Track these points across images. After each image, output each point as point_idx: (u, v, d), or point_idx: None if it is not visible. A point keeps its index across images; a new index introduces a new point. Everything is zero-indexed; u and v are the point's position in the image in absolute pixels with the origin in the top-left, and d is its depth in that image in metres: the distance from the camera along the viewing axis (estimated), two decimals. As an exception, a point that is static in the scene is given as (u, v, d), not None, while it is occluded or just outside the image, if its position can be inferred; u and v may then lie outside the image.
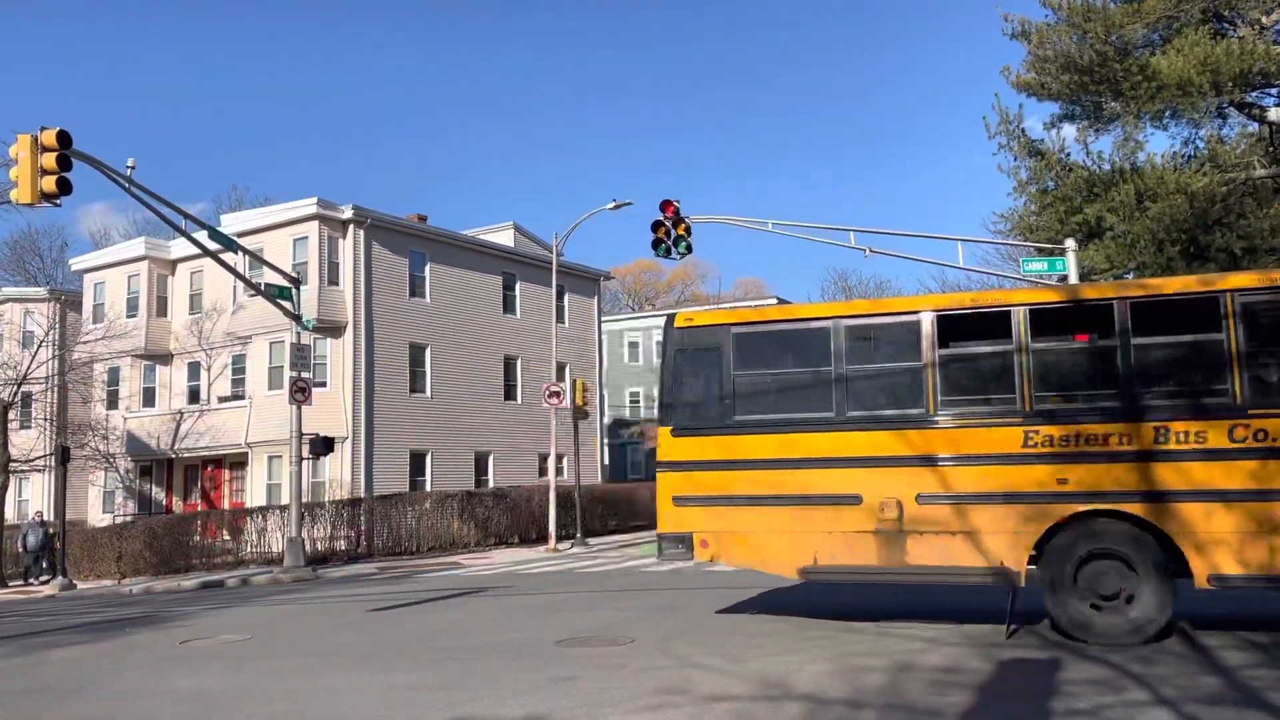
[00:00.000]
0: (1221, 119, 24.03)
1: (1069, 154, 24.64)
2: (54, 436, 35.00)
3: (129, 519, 33.42)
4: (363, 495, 29.75)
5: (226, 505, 33.37)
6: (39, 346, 33.55)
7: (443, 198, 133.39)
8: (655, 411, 50.44)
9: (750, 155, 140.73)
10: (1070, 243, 22.29)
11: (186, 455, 34.48)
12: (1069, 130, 25.05)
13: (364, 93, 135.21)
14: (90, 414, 36.80)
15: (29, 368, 31.83)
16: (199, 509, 33.81)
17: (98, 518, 36.13)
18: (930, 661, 8.54)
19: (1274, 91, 23.16)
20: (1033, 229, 24.70)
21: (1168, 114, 22.44)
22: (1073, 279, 21.74)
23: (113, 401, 36.78)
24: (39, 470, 36.32)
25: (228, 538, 28.38)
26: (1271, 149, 23.87)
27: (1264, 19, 22.46)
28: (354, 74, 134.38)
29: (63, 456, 27.63)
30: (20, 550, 29.05)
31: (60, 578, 26.45)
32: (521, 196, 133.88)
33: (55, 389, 36.04)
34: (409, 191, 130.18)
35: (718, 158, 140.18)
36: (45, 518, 30.91)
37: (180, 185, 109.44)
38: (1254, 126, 24.31)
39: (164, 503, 35.64)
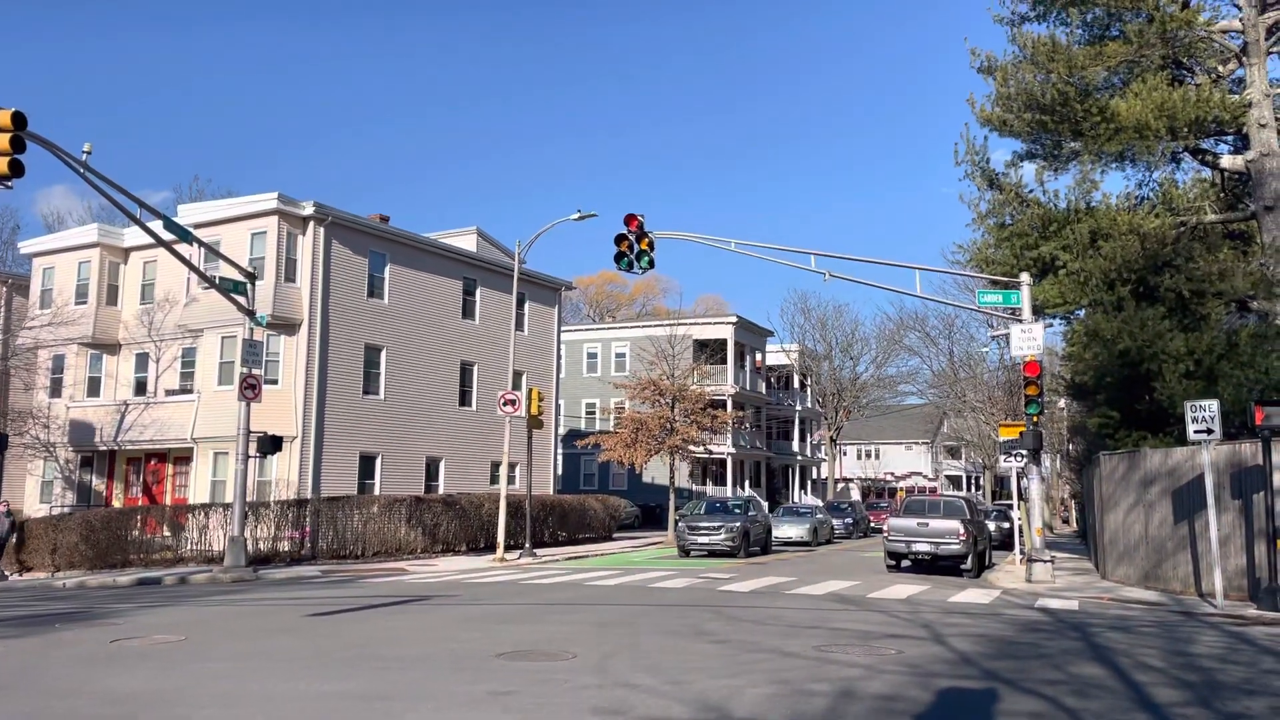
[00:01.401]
0: (1176, 163, 24.59)
1: (1029, 190, 25.07)
2: (-7, 423, 34.14)
3: (67, 510, 32.66)
4: (309, 496, 29.29)
5: (169, 500, 32.72)
6: (-18, 330, 32.74)
7: (407, 199, 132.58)
8: (611, 424, 49.74)
9: (717, 173, 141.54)
10: (1025, 277, 22.62)
11: (130, 448, 33.79)
12: (1029, 168, 25.48)
13: (335, 91, 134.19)
14: (32, 401, 35.94)
15: (-29, 351, 31.04)
16: (140, 503, 33.11)
17: (34, 508, 35.24)
18: (871, 689, 8.57)
19: (1228, 139, 23.75)
20: (989, 261, 25.05)
21: (1125, 156, 22.90)
22: (1026, 313, 22.08)
23: (56, 390, 35.96)
24: (-25, 457, 35.37)
25: (168, 534, 27.81)
26: (1223, 195, 24.46)
27: (1221, 68, 23.04)
28: (325, 72, 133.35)
29: (0, 443, 26.95)
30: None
31: (-9, 568, 25.78)
32: (486, 202, 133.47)
33: (-3, 374, 35.18)
34: (374, 191, 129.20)
35: (684, 175, 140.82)
36: (10, 506, 29.50)
37: (142, 173, 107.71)
38: (1207, 172, 24.90)
39: (104, 495, 34.86)
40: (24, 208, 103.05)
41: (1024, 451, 22.71)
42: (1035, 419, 21.59)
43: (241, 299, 23.99)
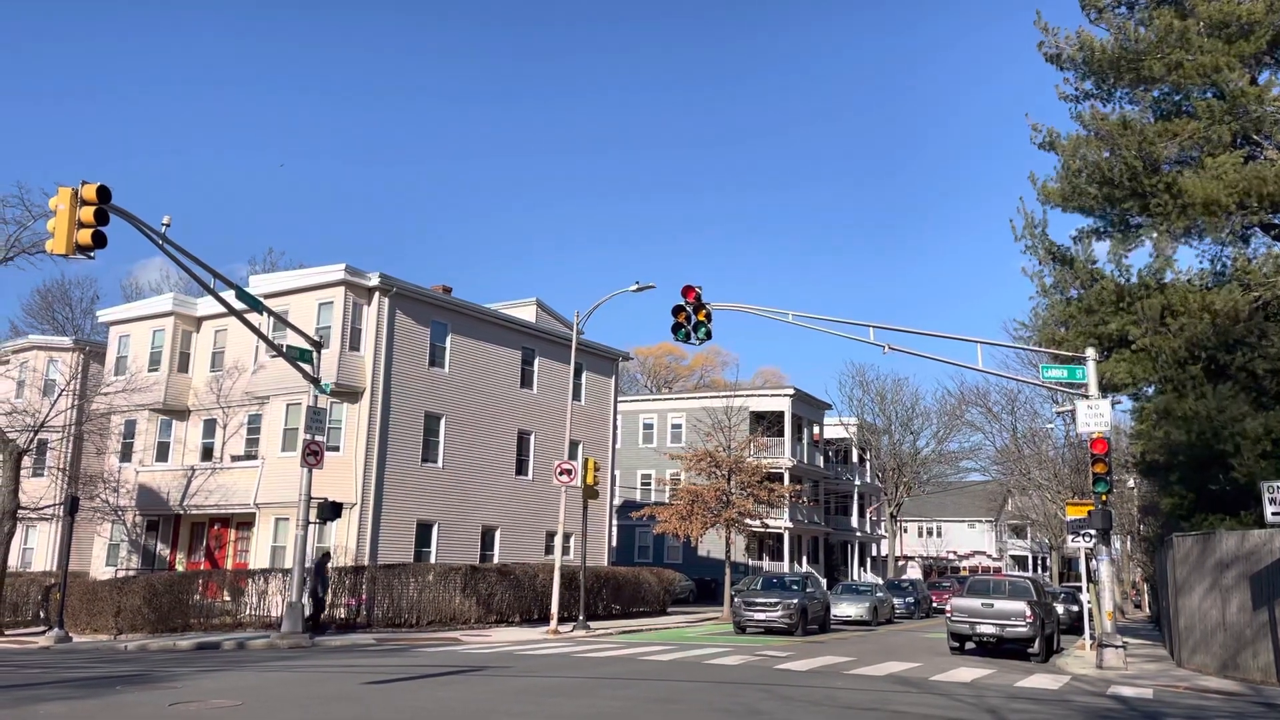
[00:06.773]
0: (1245, 240, 24.11)
1: (1096, 264, 24.73)
2: (65, 486, 35.01)
3: (131, 573, 33.19)
4: (366, 563, 29.46)
5: (230, 565, 33.12)
6: (59, 395, 33.76)
7: (470, 270, 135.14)
8: (666, 496, 49.56)
9: (776, 245, 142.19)
10: (1090, 352, 22.19)
11: (195, 512, 34.37)
12: (1095, 242, 25.14)
13: (406, 168, 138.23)
14: (103, 465, 36.84)
15: (47, 415, 31.99)
16: (202, 567, 33.57)
17: (100, 570, 35.89)
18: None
19: (1300, 214, 23.25)
20: (1056, 340, 24.61)
21: (1193, 231, 22.56)
22: (1092, 389, 21.61)
23: (126, 454, 36.82)
24: (46, 519, 36.23)
25: (227, 599, 28.08)
26: (1297, 271, 23.84)
27: (1292, 142, 22.68)
28: (400, 151, 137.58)
29: (72, 507, 27.57)
30: (307, 597, 24.58)
31: (56, 629, 26.19)
32: (548, 273, 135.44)
33: (71, 438, 36.15)
34: (440, 261, 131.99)
35: (744, 244, 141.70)
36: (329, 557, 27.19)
37: (226, 247, 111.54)
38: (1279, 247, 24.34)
39: (168, 559, 35.41)
40: (121, 278, 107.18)
41: (1093, 531, 22.05)
42: (1104, 498, 20.99)
43: (307, 367, 24.49)
